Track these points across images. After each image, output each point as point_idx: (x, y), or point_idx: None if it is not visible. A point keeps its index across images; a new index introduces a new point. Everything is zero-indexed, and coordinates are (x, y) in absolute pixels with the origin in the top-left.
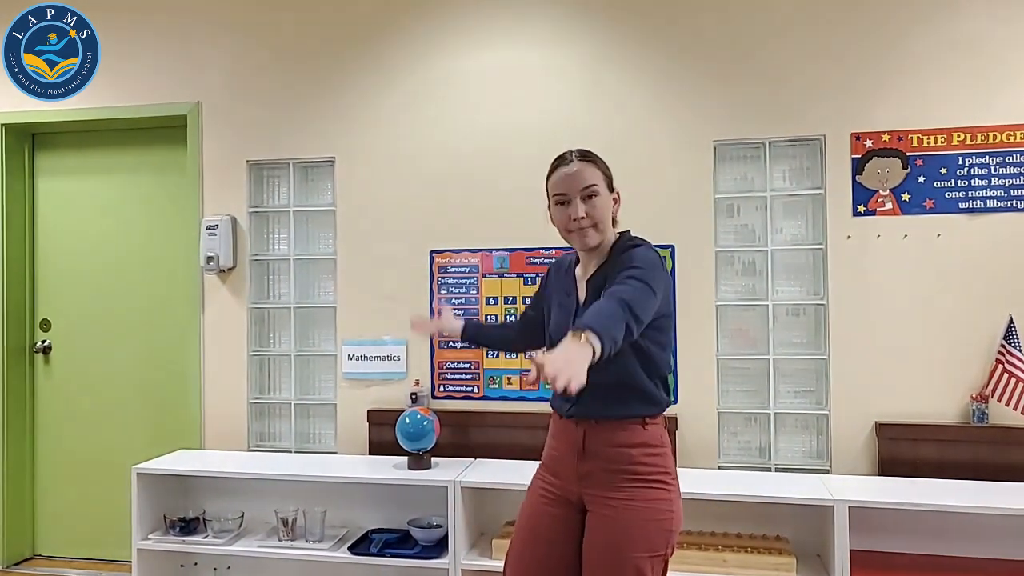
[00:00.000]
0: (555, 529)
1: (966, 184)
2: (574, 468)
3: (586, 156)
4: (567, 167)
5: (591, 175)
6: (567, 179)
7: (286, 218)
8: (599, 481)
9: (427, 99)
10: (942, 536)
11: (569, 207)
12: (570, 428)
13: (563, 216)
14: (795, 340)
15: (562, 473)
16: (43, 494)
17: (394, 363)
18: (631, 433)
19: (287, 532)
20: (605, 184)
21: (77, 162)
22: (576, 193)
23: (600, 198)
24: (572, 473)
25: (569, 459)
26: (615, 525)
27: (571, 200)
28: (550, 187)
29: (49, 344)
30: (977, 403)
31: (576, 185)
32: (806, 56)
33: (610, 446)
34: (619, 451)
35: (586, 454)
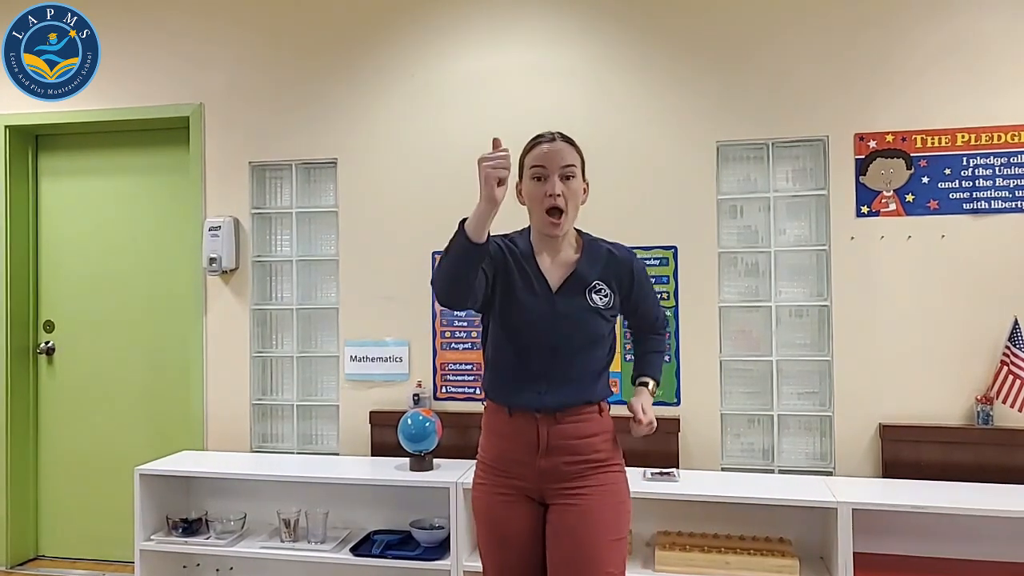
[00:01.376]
0: (525, 528)
1: (970, 185)
2: (531, 466)
3: (567, 139)
4: (550, 144)
5: (571, 156)
6: (549, 154)
7: (288, 219)
8: (562, 474)
9: (429, 101)
10: (946, 538)
11: (546, 183)
12: (526, 425)
13: (538, 191)
14: (798, 341)
15: (517, 472)
16: (46, 495)
17: (396, 364)
18: (591, 423)
19: (289, 533)
20: (581, 169)
21: (80, 163)
22: (556, 170)
23: (576, 181)
24: (529, 471)
25: (525, 457)
26: (585, 514)
27: (550, 176)
28: (528, 160)
29: (52, 345)
30: (982, 405)
31: (557, 162)
32: (809, 56)
33: (572, 438)
34: (581, 442)
35: (548, 450)
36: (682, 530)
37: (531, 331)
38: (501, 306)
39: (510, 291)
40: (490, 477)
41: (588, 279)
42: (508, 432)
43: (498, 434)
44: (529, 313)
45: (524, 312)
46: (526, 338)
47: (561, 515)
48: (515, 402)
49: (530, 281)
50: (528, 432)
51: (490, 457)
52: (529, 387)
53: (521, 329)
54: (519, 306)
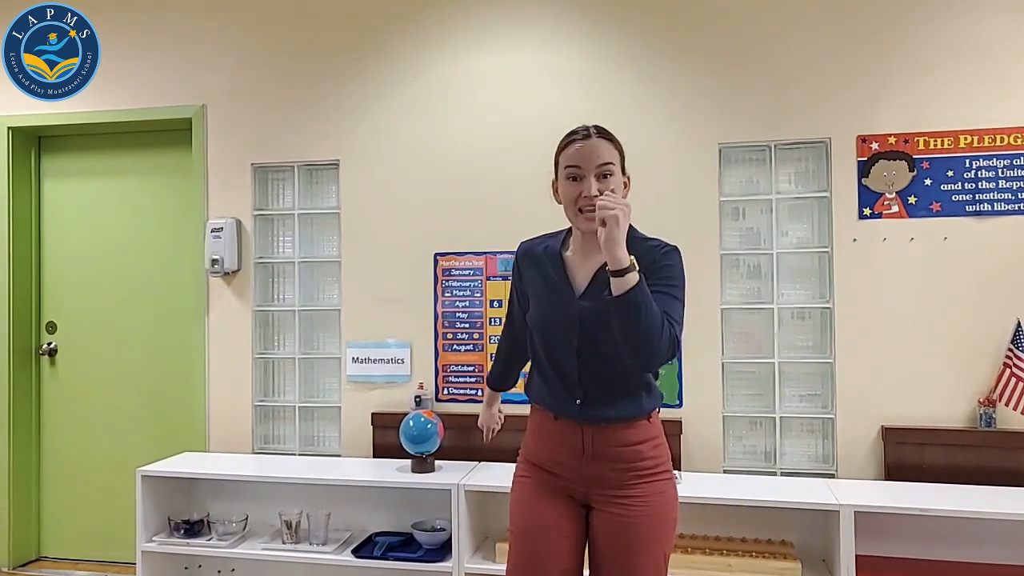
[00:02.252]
0: (564, 523)
1: (973, 187)
2: (577, 471)
3: (604, 133)
4: (585, 141)
5: (608, 153)
6: (584, 153)
7: (291, 221)
8: (608, 481)
9: (431, 102)
10: (949, 541)
11: (582, 183)
12: (570, 430)
13: (574, 192)
14: (800, 343)
15: (562, 473)
16: (48, 496)
17: (398, 366)
18: (639, 430)
19: (291, 535)
20: (620, 165)
21: (83, 165)
22: (592, 169)
23: (614, 178)
24: (575, 475)
25: (571, 461)
26: (631, 524)
27: (585, 176)
28: (563, 159)
29: (55, 346)
30: (985, 407)
31: (592, 161)
32: (812, 58)
33: (618, 446)
34: (628, 450)
35: (593, 457)
36: (684, 532)
37: (554, 334)
38: (530, 313)
39: (536, 297)
40: (535, 472)
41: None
42: (554, 434)
43: (544, 435)
44: (551, 315)
45: (545, 314)
46: (552, 342)
47: (606, 522)
48: (558, 410)
49: (553, 283)
50: (573, 437)
51: (534, 455)
52: (566, 396)
53: (545, 332)
54: (541, 309)
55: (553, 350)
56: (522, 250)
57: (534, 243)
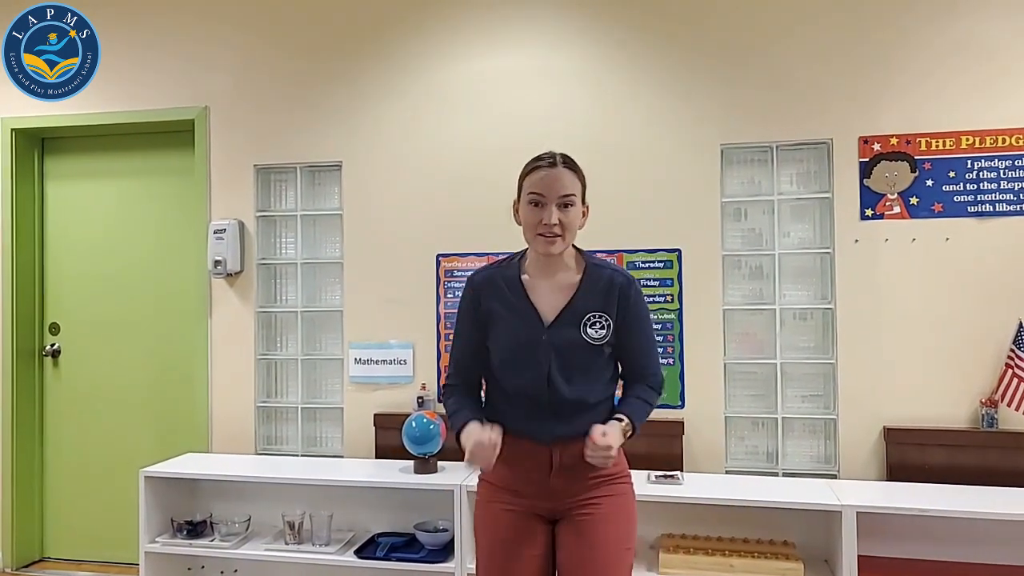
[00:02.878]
0: (533, 540)
1: (975, 188)
2: (544, 485)
3: (569, 163)
4: (550, 170)
5: (571, 183)
6: (548, 182)
7: (293, 222)
8: (573, 490)
9: (433, 103)
10: (951, 542)
11: (543, 210)
12: (536, 449)
13: (534, 218)
14: (802, 344)
15: (528, 492)
16: (51, 497)
17: (401, 367)
18: None
19: (294, 535)
20: (580, 195)
21: (86, 166)
22: (553, 198)
23: (574, 209)
24: (542, 491)
25: (537, 477)
26: (597, 523)
27: (547, 204)
28: (527, 184)
29: (58, 348)
30: (986, 408)
31: (556, 190)
32: (813, 59)
33: (583, 457)
34: None
35: (560, 469)
36: (686, 533)
37: (525, 362)
38: (494, 341)
39: (501, 326)
40: (499, 495)
41: (585, 310)
42: (517, 454)
43: (506, 456)
44: (519, 342)
45: (513, 341)
46: (521, 369)
47: (574, 525)
48: (524, 433)
49: (518, 311)
50: (539, 455)
51: (497, 478)
52: (536, 421)
53: (515, 360)
54: (508, 337)
55: (523, 377)
56: (479, 279)
57: (489, 273)
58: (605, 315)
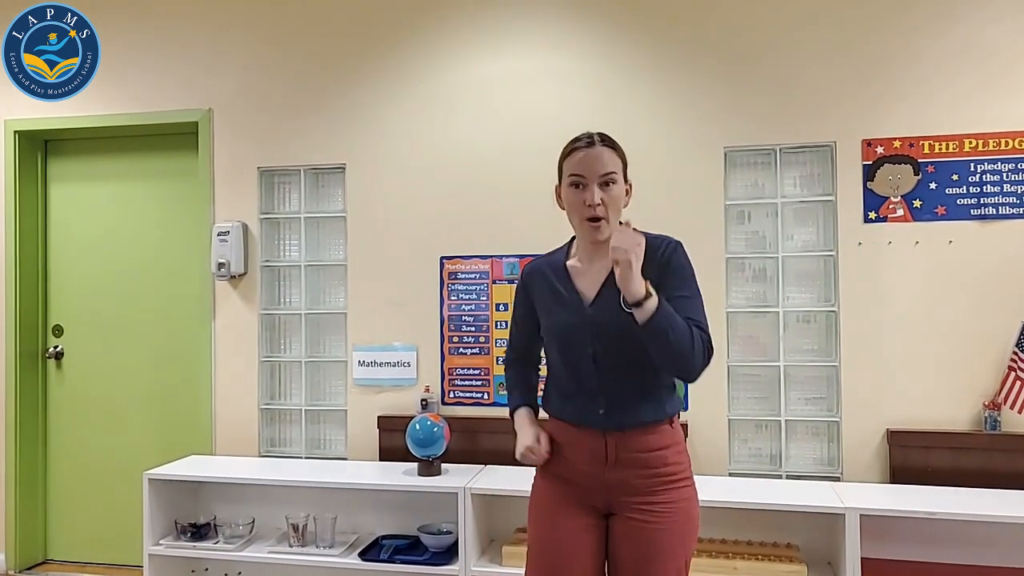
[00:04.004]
0: (584, 538)
1: (978, 191)
2: (600, 478)
3: (607, 140)
4: (588, 149)
5: (611, 161)
6: (587, 161)
7: (297, 224)
8: (632, 488)
9: (437, 106)
10: (954, 544)
11: (585, 191)
12: (592, 438)
13: (576, 200)
14: (806, 347)
15: (582, 482)
16: (55, 499)
17: (404, 369)
18: (661, 435)
19: (297, 538)
20: (622, 172)
21: (89, 168)
22: (595, 178)
23: (617, 187)
24: (597, 483)
25: (592, 469)
26: (656, 531)
27: (588, 184)
28: (566, 167)
29: (61, 350)
30: (990, 410)
31: (596, 169)
32: (817, 62)
33: (642, 451)
34: (652, 455)
35: (616, 463)
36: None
37: (570, 343)
38: (545, 326)
39: (546, 311)
40: (553, 484)
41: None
42: (573, 443)
43: (563, 445)
44: (563, 326)
45: (558, 326)
46: (567, 352)
47: (629, 530)
48: (579, 419)
49: (560, 295)
50: (595, 445)
51: (554, 466)
52: (588, 405)
53: (560, 343)
54: (554, 320)
55: (570, 360)
56: (528, 269)
57: (538, 262)
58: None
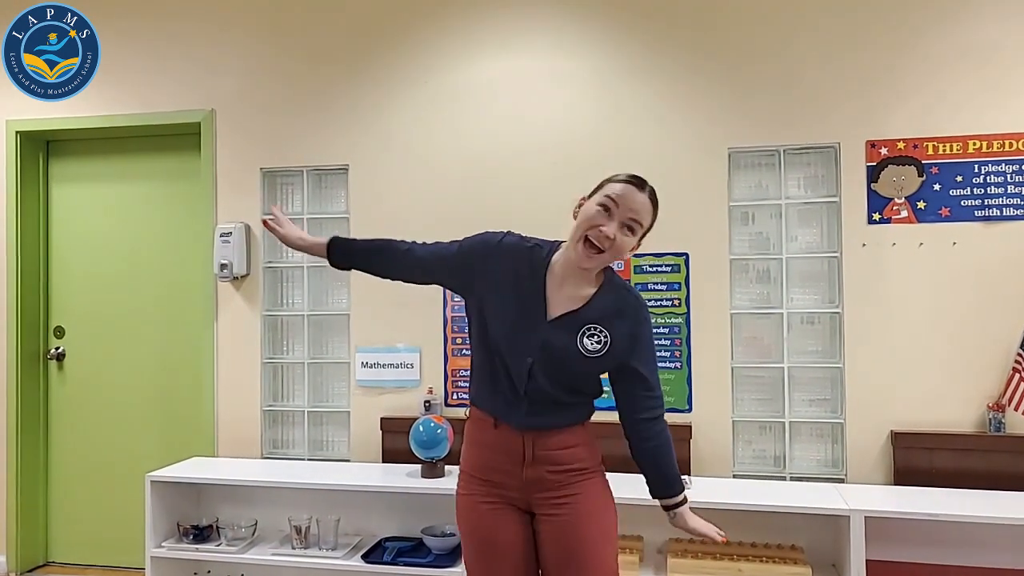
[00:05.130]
0: (515, 536)
1: (982, 192)
2: (518, 476)
3: (653, 195)
4: (637, 190)
5: (644, 213)
6: (627, 196)
7: (300, 225)
8: (547, 484)
9: (440, 107)
10: (958, 546)
11: (607, 217)
12: (510, 437)
13: (596, 219)
14: (810, 348)
15: (502, 482)
16: (56, 501)
17: (407, 371)
18: (573, 434)
19: (300, 540)
20: (644, 231)
21: (91, 169)
22: (624, 216)
23: (631, 238)
24: (515, 481)
25: (510, 467)
26: (575, 522)
27: (614, 215)
28: (606, 188)
29: (63, 351)
30: (994, 412)
31: (628, 207)
32: (821, 63)
33: (556, 449)
34: (564, 452)
35: (533, 460)
36: (694, 537)
37: (512, 350)
38: (487, 313)
39: (500, 299)
40: (475, 487)
41: (585, 320)
42: (492, 442)
43: (481, 445)
44: (512, 331)
45: (507, 328)
46: (507, 355)
47: (551, 522)
48: (501, 416)
49: (525, 300)
50: (513, 443)
51: (474, 467)
52: (515, 406)
53: (502, 344)
54: (503, 320)
55: (509, 360)
56: (510, 241)
57: (518, 243)
58: (606, 332)
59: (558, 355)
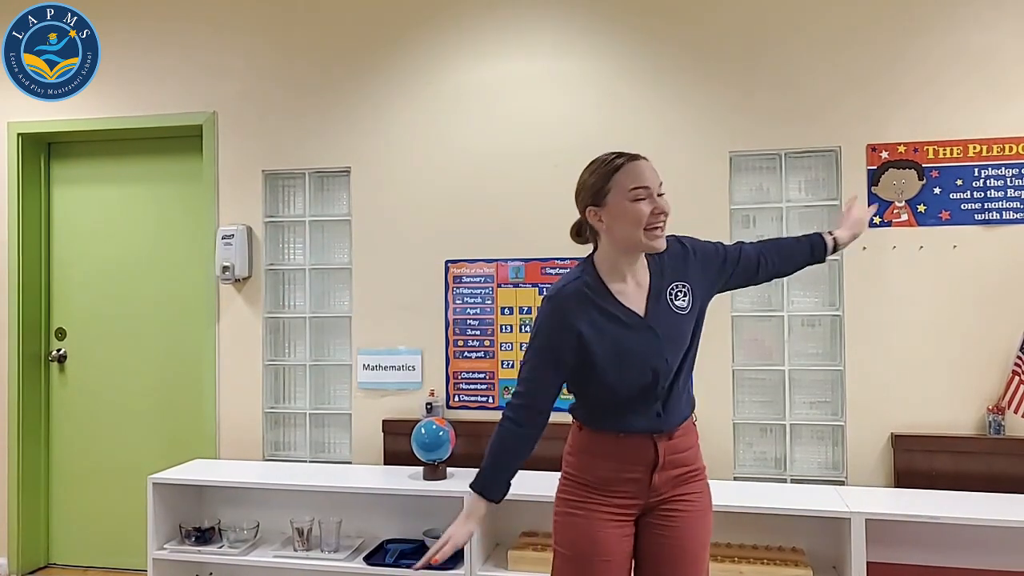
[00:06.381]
0: (625, 546)
1: (982, 195)
2: (645, 484)
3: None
4: (642, 161)
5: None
6: (648, 173)
7: (301, 228)
8: (669, 486)
9: (442, 110)
10: (958, 548)
11: (652, 202)
12: (639, 444)
13: (641, 212)
14: (811, 351)
15: (625, 490)
16: (58, 503)
17: (409, 373)
18: (691, 435)
19: (302, 542)
20: None
21: (92, 171)
22: (657, 188)
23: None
24: (641, 487)
25: (638, 475)
26: (692, 520)
27: (652, 195)
28: (625, 182)
29: (64, 352)
30: (993, 415)
31: (656, 180)
32: (822, 67)
33: (680, 451)
34: (688, 454)
35: (664, 466)
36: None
37: (637, 364)
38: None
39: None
40: (588, 496)
41: (663, 287)
42: (617, 452)
43: (603, 455)
44: (628, 350)
45: (621, 351)
46: (633, 371)
47: (665, 522)
48: (628, 428)
49: (617, 317)
50: (644, 450)
51: (590, 478)
52: (644, 413)
53: (623, 366)
54: (614, 345)
55: (630, 379)
56: (566, 293)
57: (570, 287)
58: (684, 283)
59: (669, 334)
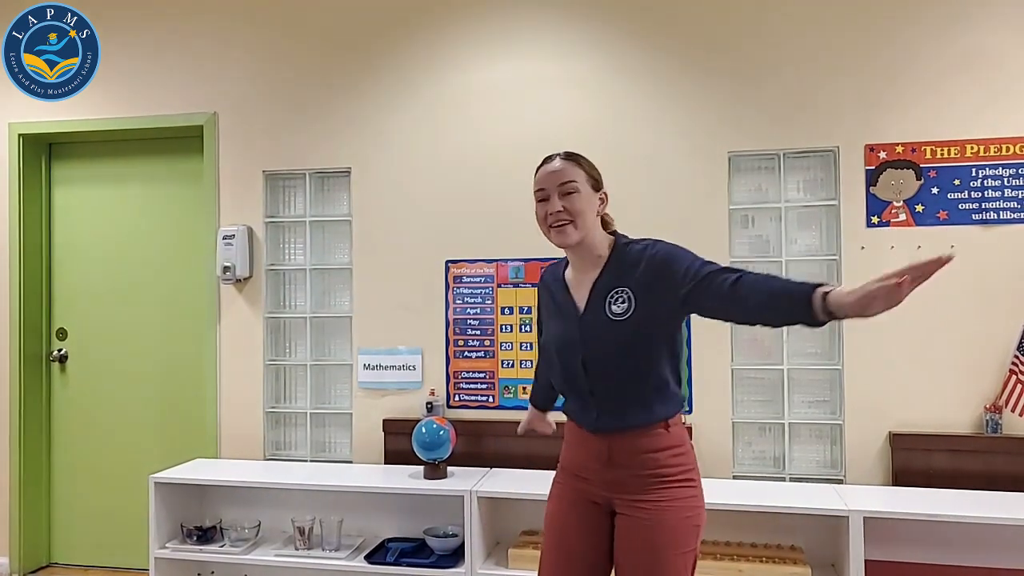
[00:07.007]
0: (583, 529)
1: (979, 196)
2: (600, 475)
3: (570, 156)
4: (548, 164)
5: (571, 172)
6: (547, 175)
7: (302, 228)
8: (629, 486)
9: (442, 110)
10: (956, 546)
11: (548, 203)
12: (591, 439)
13: (542, 212)
14: (809, 350)
15: (587, 479)
16: (59, 502)
17: (409, 372)
18: (656, 438)
19: (303, 541)
20: (588, 183)
21: (93, 172)
22: (554, 189)
23: (579, 196)
24: (599, 479)
25: (594, 467)
26: (649, 527)
27: (550, 196)
28: (534, 184)
29: (65, 353)
30: (991, 413)
31: (554, 180)
32: (820, 67)
33: (637, 453)
34: (646, 457)
35: (613, 463)
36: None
37: (562, 353)
38: (543, 335)
39: (546, 319)
40: (562, 479)
41: (607, 289)
42: (576, 442)
43: (574, 443)
44: (558, 337)
45: (554, 337)
46: (561, 360)
47: (628, 525)
48: (579, 421)
49: (559, 306)
50: (594, 445)
51: (567, 462)
52: (583, 408)
53: (554, 353)
54: (550, 332)
55: (565, 367)
56: (543, 277)
57: (546, 272)
58: (627, 289)
59: (595, 333)
